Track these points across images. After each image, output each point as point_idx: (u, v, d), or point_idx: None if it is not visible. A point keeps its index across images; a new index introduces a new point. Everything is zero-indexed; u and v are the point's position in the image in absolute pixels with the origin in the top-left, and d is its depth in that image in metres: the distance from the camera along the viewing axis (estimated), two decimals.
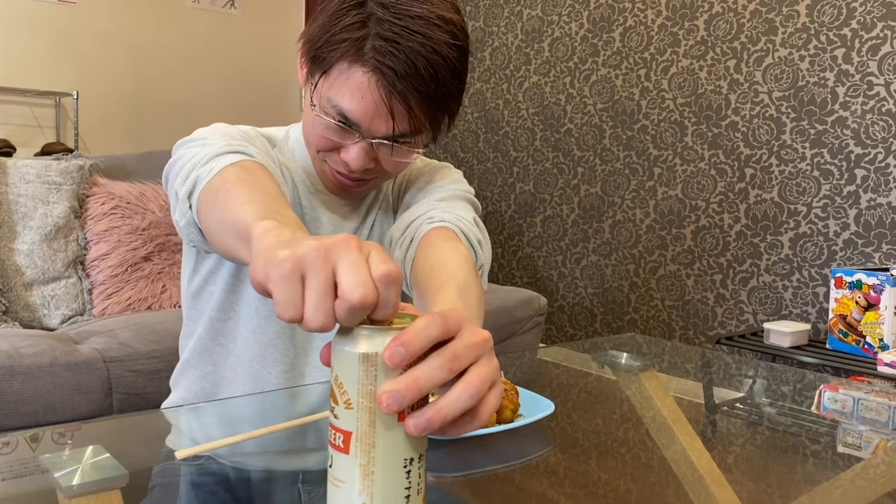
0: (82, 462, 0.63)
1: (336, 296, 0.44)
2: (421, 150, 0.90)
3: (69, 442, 0.75)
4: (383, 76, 0.81)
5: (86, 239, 2.25)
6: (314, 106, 0.87)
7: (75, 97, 3.30)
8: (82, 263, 2.24)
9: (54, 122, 3.38)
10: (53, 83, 3.32)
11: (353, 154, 0.86)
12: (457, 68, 0.85)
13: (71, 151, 2.66)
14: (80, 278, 2.19)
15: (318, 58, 0.85)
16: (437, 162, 1.07)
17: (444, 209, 0.91)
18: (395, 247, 0.92)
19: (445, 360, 0.45)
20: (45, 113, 3.37)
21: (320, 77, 0.86)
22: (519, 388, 0.83)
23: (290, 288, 0.44)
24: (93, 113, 3.46)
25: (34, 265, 2.12)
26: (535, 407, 0.82)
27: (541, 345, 2.61)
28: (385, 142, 0.85)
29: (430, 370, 0.44)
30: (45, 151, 3.01)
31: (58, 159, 2.30)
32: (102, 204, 2.28)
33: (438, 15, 0.82)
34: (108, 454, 0.64)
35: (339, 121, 0.85)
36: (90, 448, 0.65)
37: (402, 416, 0.46)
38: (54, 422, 1.63)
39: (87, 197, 2.29)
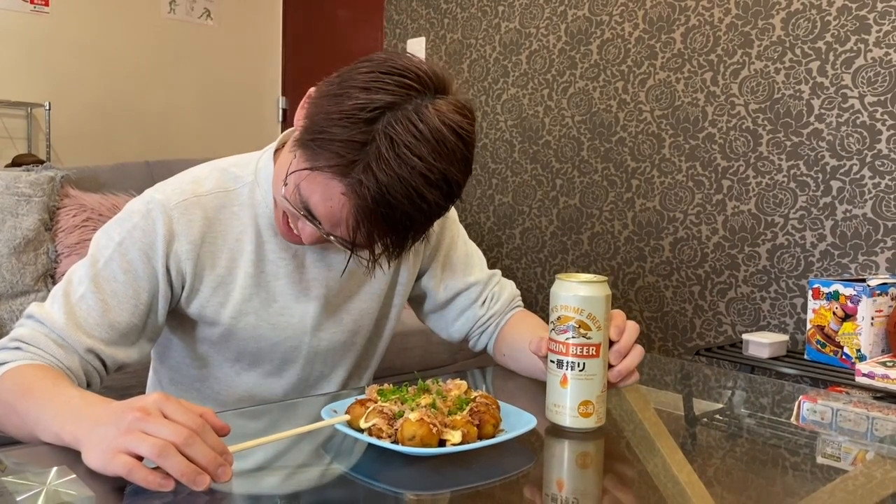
0: (46, 484, 0.60)
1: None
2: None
3: (32, 462, 0.72)
4: (357, 208, 0.78)
5: (56, 252, 2.21)
6: (286, 184, 0.84)
7: (47, 108, 3.25)
8: (52, 277, 2.19)
9: (26, 133, 3.32)
10: (25, 94, 3.28)
11: (307, 232, 0.85)
12: (437, 216, 0.83)
13: (42, 163, 2.61)
14: (49, 292, 2.15)
15: (309, 149, 0.81)
16: None
17: (490, 288, 1.17)
18: (441, 314, 1.16)
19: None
20: (17, 124, 3.32)
21: (305, 166, 0.81)
22: (500, 403, 0.82)
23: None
24: (65, 124, 3.42)
25: (2, 279, 2.08)
26: (516, 422, 0.81)
27: None
28: (344, 244, 0.83)
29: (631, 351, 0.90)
30: (16, 163, 2.96)
31: (28, 171, 2.26)
32: (74, 216, 2.24)
33: (441, 171, 0.78)
34: (74, 475, 0.62)
35: (304, 213, 0.83)
36: (54, 469, 0.63)
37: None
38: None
39: (58, 209, 2.25)
